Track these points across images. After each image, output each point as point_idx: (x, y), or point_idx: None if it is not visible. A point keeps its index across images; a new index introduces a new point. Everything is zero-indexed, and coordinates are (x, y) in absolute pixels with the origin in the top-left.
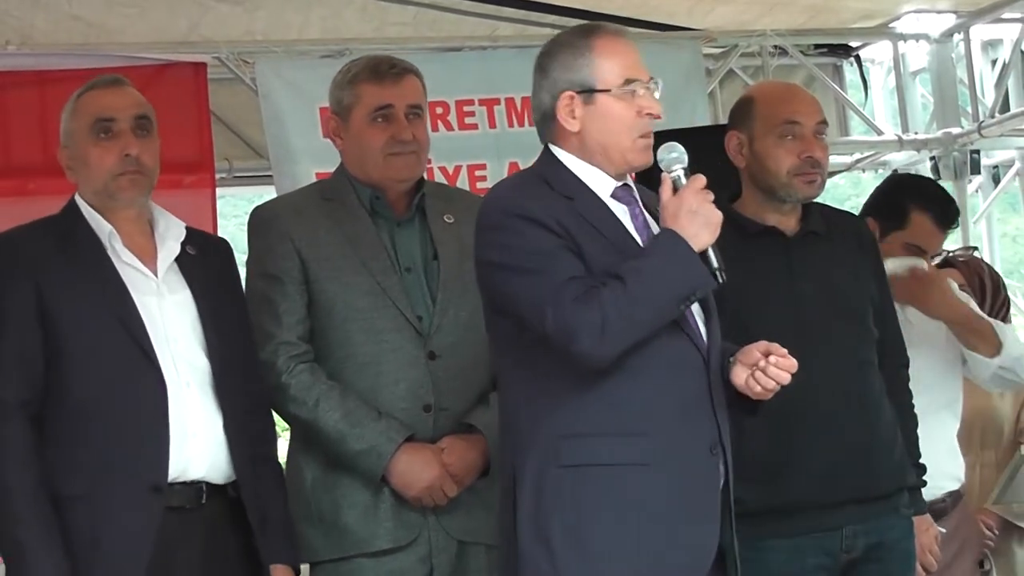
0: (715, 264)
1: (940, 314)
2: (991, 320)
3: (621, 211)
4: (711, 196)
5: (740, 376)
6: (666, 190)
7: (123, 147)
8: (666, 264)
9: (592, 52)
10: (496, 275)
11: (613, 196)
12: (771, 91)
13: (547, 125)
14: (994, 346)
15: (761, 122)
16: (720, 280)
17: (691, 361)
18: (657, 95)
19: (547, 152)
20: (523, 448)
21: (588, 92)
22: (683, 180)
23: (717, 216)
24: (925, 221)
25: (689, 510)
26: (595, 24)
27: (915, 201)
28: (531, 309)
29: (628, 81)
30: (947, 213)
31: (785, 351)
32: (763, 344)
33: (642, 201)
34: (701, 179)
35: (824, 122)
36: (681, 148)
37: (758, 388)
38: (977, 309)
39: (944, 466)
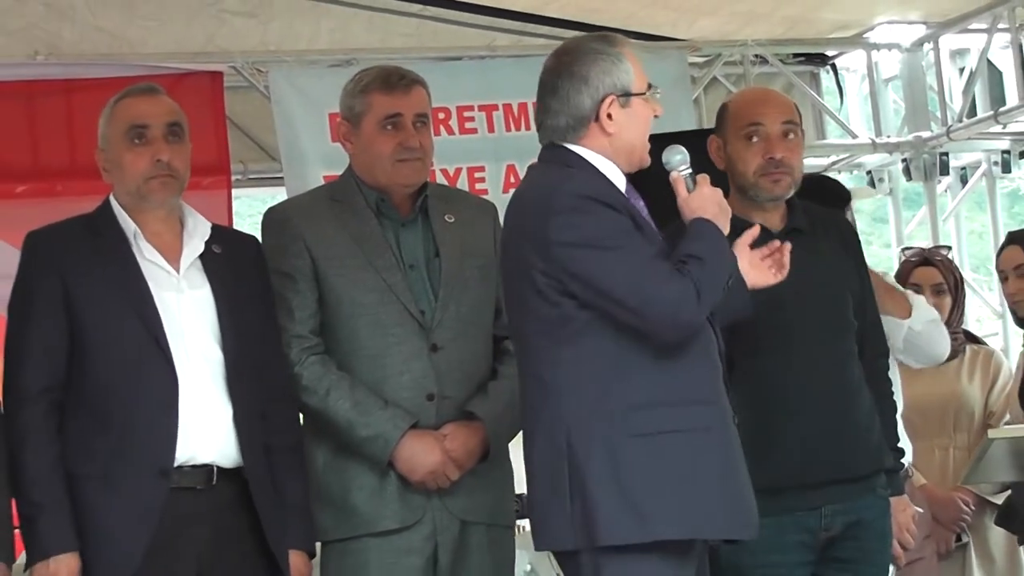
0: None
1: None
2: (901, 288)
3: (638, 205)
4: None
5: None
6: (681, 188)
7: (155, 152)
8: (717, 248)
9: (626, 59)
10: (579, 252)
11: (626, 192)
12: (741, 96)
13: (579, 127)
14: (906, 309)
15: (731, 126)
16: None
17: (715, 343)
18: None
19: (565, 151)
20: (584, 421)
21: (627, 96)
22: (692, 178)
23: (728, 207)
24: None
25: (742, 471)
26: (614, 36)
27: None
28: (625, 283)
29: (650, 86)
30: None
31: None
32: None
33: None
34: (707, 177)
35: (791, 122)
36: (684, 150)
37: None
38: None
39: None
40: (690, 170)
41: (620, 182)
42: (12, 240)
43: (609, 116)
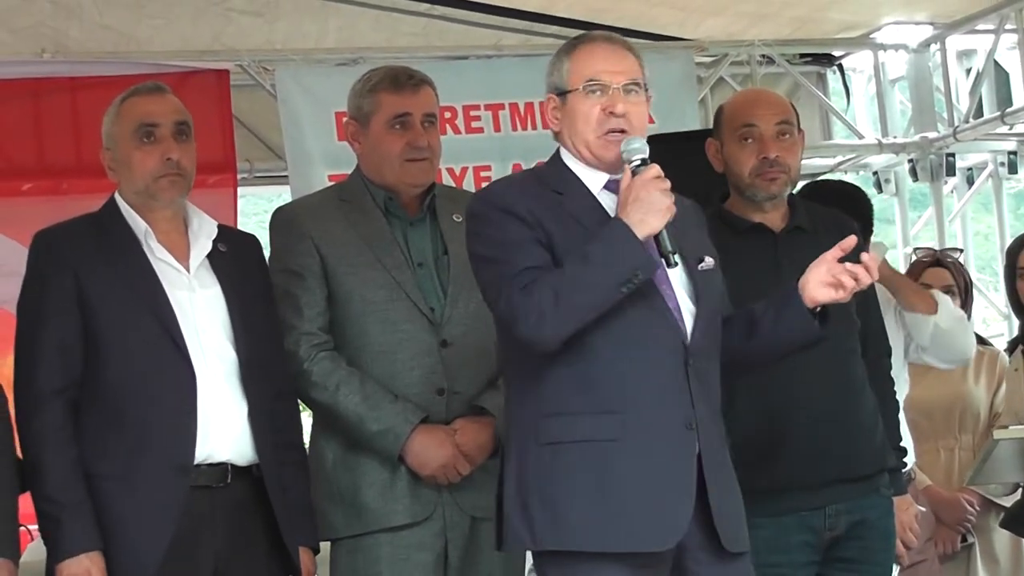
0: (668, 248)
1: (889, 282)
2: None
3: (611, 202)
4: (664, 184)
5: (818, 286)
6: (625, 179)
7: (164, 151)
8: (606, 249)
9: (568, 58)
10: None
11: (606, 188)
12: (736, 98)
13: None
14: (932, 306)
15: (726, 128)
16: (672, 263)
17: (667, 343)
18: (634, 97)
19: (555, 152)
20: (510, 426)
21: (563, 94)
22: (640, 170)
23: (663, 203)
24: None
25: (660, 483)
26: (587, 34)
27: None
28: (490, 295)
29: (591, 80)
30: None
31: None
32: (833, 251)
33: None
34: (653, 169)
35: (786, 122)
36: (642, 141)
37: (825, 289)
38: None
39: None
40: (642, 159)
41: (594, 179)
42: (19, 238)
43: (555, 115)
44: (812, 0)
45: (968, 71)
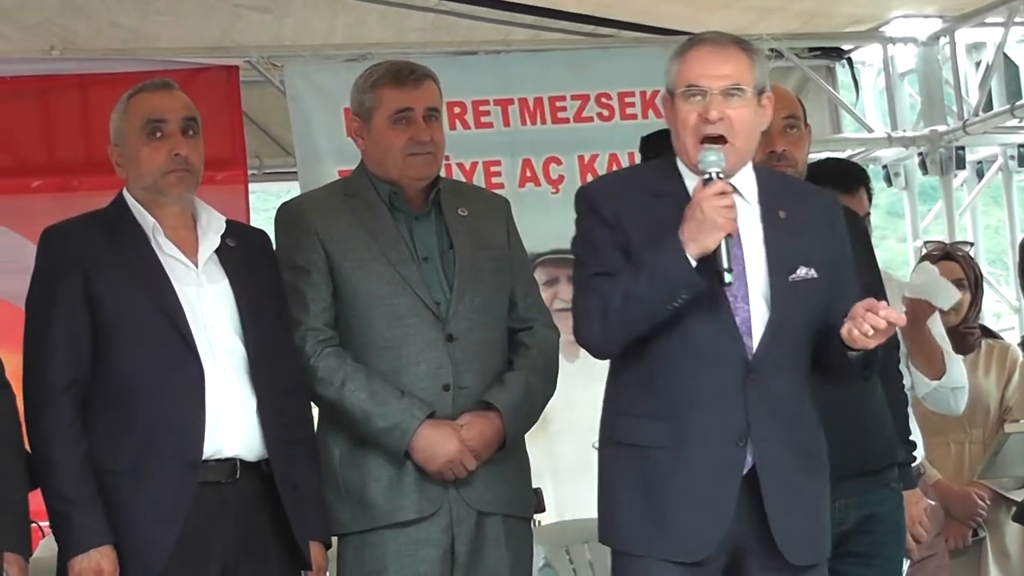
0: (722, 266)
1: (912, 339)
2: (944, 349)
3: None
4: (724, 201)
5: (844, 329)
6: (696, 191)
7: (172, 147)
8: (657, 265)
9: (677, 60)
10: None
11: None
12: None
13: None
14: (938, 372)
15: None
16: (725, 282)
17: (728, 355)
18: (736, 102)
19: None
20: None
21: (671, 95)
22: (708, 181)
23: (719, 221)
24: None
25: (697, 497)
26: (699, 35)
27: None
28: (574, 293)
29: (691, 86)
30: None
31: (889, 308)
32: (866, 300)
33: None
34: (715, 185)
35: (793, 116)
36: (719, 154)
37: (855, 334)
38: (942, 331)
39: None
40: (716, 172)
41: (692, 182)
42: (28, 234)
43: (669, 118)
44: None
45: (977, 64)
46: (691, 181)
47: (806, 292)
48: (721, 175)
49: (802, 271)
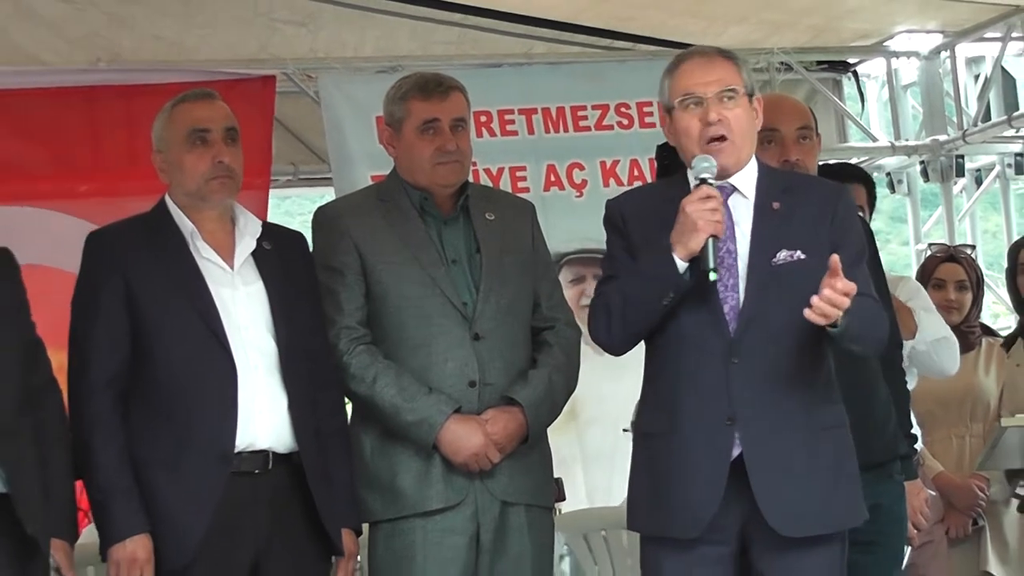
0: (707, 265)
1: None
2: (911, 307)
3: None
4: (708, 204)
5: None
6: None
7: (215, 154)
8: (650, 268)
9: (669, 77)
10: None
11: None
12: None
13: None
14: (910, 330)
15: None
16: (711, 278)
17: (711, 342)
18: (731, 103)
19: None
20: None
21: (669, 110)
22: (697, 185)
23: (701, 223)
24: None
25: (691, 476)
26: (685, 51)
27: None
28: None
29: (687, 95)
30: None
31: (839, 279)
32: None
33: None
34: (700, 190)
35: (806, 127)
36: (711, 160)
37: (813, 315)
38: (929, 303)
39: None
40: (700, 179)
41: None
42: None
43: (670, 133)
44: (828, 10)
45: (976, 77)
46: (695, 183)
47: (792, 274)
48: (711, 180)
49: (783, 254)
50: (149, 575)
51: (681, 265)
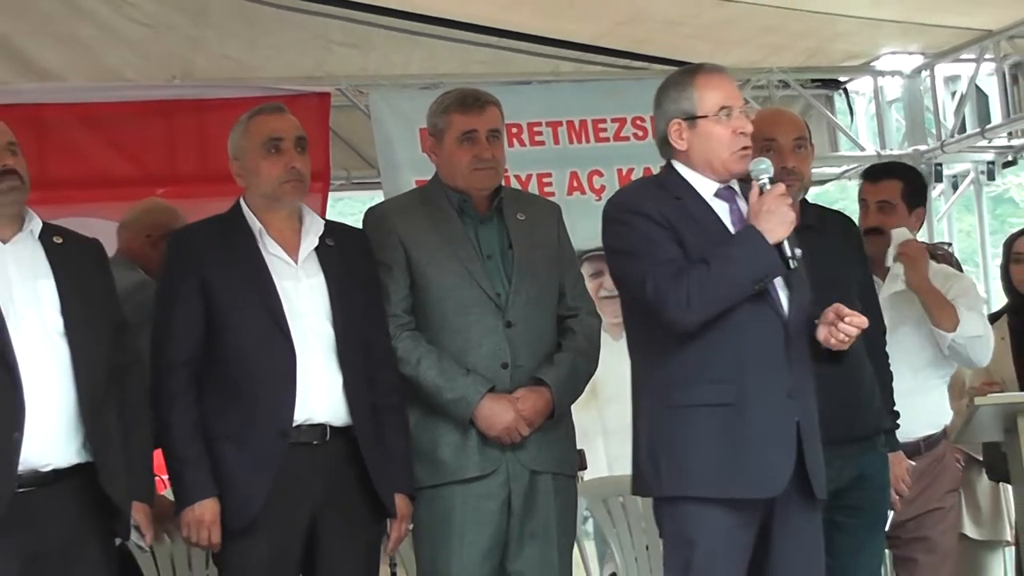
0: (788, 253)
1: (919, 288)
2: (954, 304)
3: (721, 207)
4: (788, 200)
5: (821, 333)
6: (754, 194)
7: (288, 161)
8: (744, 252)
9: (693, 87)
10: (614, 257)
11: (716, 195)
12: (759, 116)
13: (664, 145)
14: (953, 323)
15: (751, 141)
16: (791, 267)
17: (772, 325)
18: (748, 118)
19: (667, 165)
20: (639, 393)
21: (691, 119)
22: (768, 186)
23: (790, 216)
24: None
25: (767, 442)
26: (698, 65)
27: None
28: (636, 283)
29: (723, 108)
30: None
31: (855, 313)
32: (834, 306)
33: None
34: (780, 187)
35: (801, 137)
36: (768, 161)
37: (833, 341)
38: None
39: (924, 416)
40: (768, 178)
41: (707, 188)
42: None
43: (681, 136)
44: (821, 34)
45: (953, 94)
46: (702, 185)
47: (802, 272)
48: (773, 179)
49: (799, 251)
50: (216, 535)
51: None
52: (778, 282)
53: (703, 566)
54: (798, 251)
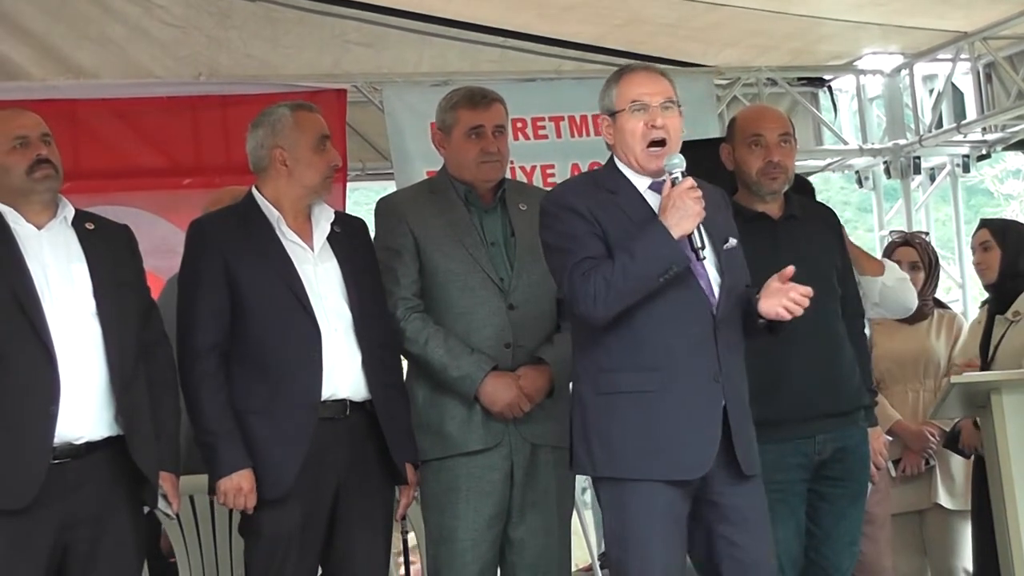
0: (697, 244)
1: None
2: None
3: (655, 200)
4: (695, 194)
5: (768, 306)
6: (666, 188)
7: (332, 158)
8: (647, 247)
9: (616, 84)
10: (546, 251)
11: (651, 188)
12: (746, 113)
13: (607, 143)
14: (880, 269)
15: (739, 136)
16: (699, 258)
17: (698, 310)
18: (670, 112)
19: (610, 159)
20: (575, 378)
21: (612, 114)
22: (680, 180)
23: (695, 209)
24: None
25: (692, 425)
26: (628, 65)
27: None
28: (557, 278)
29: (635, 101)
30: None
31: (799, 286)
32: (774, 278)
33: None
34: (687, 181)
35: (786, 133)
36: (681, 157)
37: (785, 314)
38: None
39: None
40: (680, 172)
41: (641, 182)
42: (178, 223)
43: (609, 132)
44: (807, 35)
45: (931, 91)
46: (636, 179)
47: (737, 258)
48: (685, 173)
49: (731, 240)
50: (251, 502)
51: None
52: (710, 269)
53: (638, 539)
54: (725, 241)
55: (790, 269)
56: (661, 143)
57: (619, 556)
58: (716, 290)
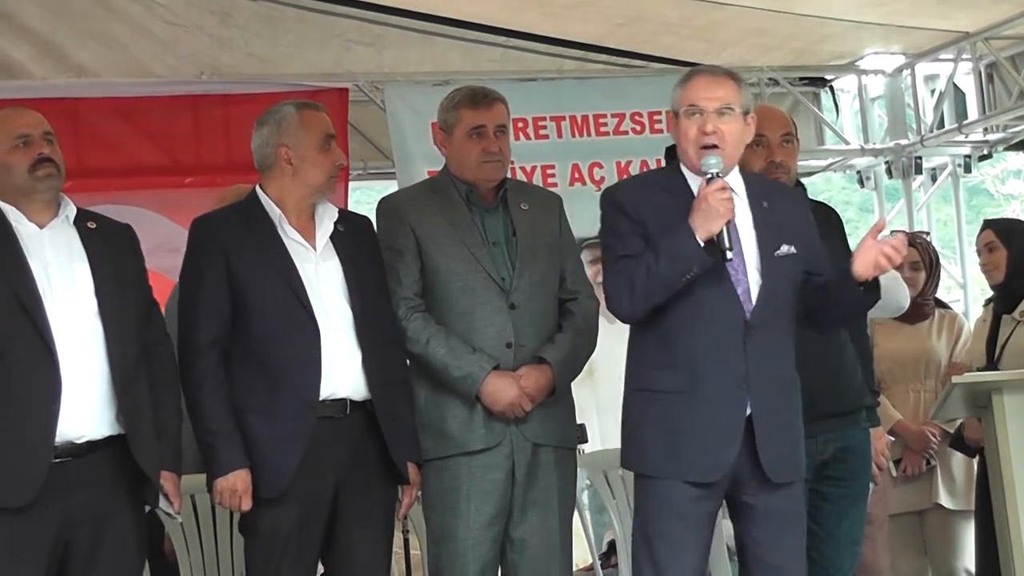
0: (724, 245)
1: None
2: None
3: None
4: (724, 195)
5: (863, 262)
6: (700, 189)
7: (337, 157)
8: (671, 247)
9: (680, 86)
10: (601, 245)
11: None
12: None
13: None
14: None
15: None
16: (727, 258)
17: (730, 315)
18: (727, 118)
19: (675, 159)
20: (626, 373)
21: (676, 114)
22: (709, 179)
23: (720, 210)
24: None
25: (712, 429)
26: (696, 68)
27: None
28: (604, 273)
29: (691, 105)
30: None
31: (891, 239)
32: (868, 234)
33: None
34: (717, 182)
35: (788, 133)
36: (718, 158)
37: (886, 263)
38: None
39: None
40: (715, 173)
41: (694, 181)
42: (180, 221)
43: (674, 130)
44: (809, 35)
45: (933, 91)
46: (693, 180)
47: (788, 265)
48: (720, 174)
49: (784, 248)
50: (247, 503)
51: (702, 245)
52: (751, 273)
53: (655, 535)
54: (777, 247)
55: (883, 220)
56: (713, 147)
57: (637, 550)
58: (755, 295)
